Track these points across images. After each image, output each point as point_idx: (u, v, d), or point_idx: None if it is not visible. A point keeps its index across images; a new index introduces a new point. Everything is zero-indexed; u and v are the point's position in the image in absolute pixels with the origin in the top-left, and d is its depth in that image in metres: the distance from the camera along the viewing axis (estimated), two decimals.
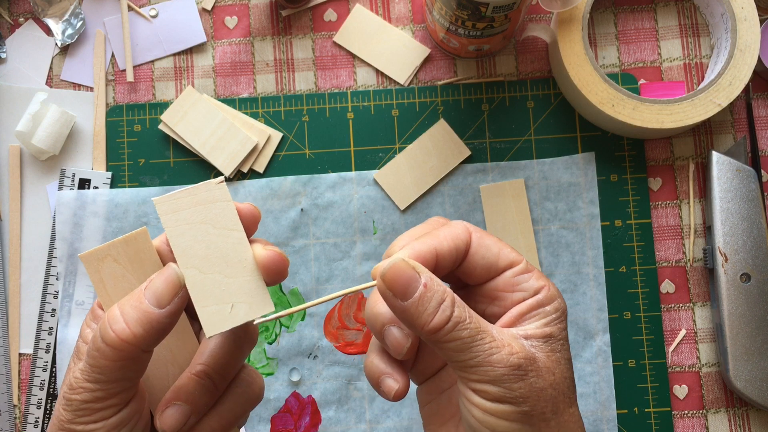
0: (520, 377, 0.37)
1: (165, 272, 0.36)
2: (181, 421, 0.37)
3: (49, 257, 0.60)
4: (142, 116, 0.63)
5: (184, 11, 0.64)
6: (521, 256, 0.41)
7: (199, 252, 0.35)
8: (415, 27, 0.63)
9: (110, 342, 0.34)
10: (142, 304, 0.35)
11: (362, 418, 0.59)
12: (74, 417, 0.36)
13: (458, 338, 0.36)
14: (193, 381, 0.38)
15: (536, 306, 0.39)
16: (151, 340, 0.35)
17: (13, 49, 0.64)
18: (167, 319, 0.35)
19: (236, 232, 0.36)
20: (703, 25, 0.63)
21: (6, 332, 0.61)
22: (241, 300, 0.35)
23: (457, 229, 0.40)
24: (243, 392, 0.39)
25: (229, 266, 0.35)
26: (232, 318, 0.35)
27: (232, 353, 0.38)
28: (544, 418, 0.37)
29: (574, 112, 0.62)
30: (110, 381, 0.35)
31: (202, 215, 0.36)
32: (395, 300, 0.37)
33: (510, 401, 0.37)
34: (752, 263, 0.58)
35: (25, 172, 0.63)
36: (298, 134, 0.62)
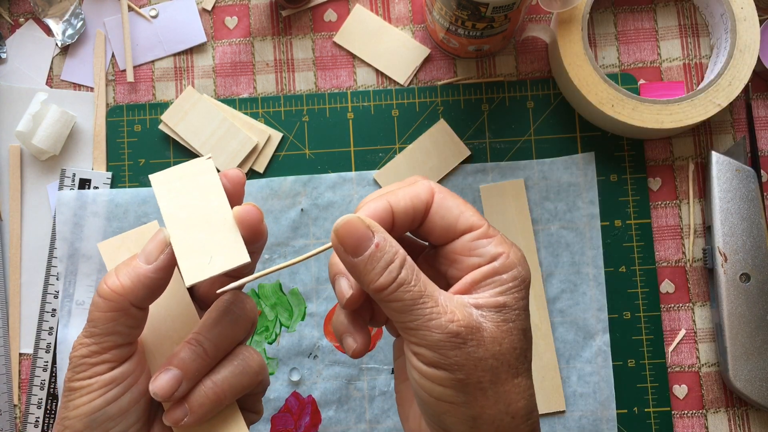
0: (457, 345, 0.37)
1: (155, 235, 0.39)
2: (173, 385, 0.38)
3: (50, 257, 0.61)
4: (142, 116, 0.63)
5: (184, 11, 0.64)
6: (483, 221, 0.40)
7: (184, 216, 0.39)
8: (415, 27, 0.64)
9: (102, 293, 0.38)
10: (134, 262, 0.38)
11: (362, 418, 0.59)
12: (73, 374, 0.38)
13: (400, 299, 0.37)
14: (185, 347, 0.39)
15: (491, 273, 0.39)
16: (138, 293, 0.37)
17: (14, 49, 0.64)
18: (154, 273, 0.38)
19: (219, 198, 0.39)
20: (703, 26, 0.63)
21: (6, 332, 0.61)
22: (219, 253, 0.38)
23: (418, 188, 0.40)
24: (239, 365, 0.40)
25: (210, 226, 0.39)
26: (210, 268, 0.38)
27: (227, 327, 0.40)
28: (480, 387, 0.38)
29: (573, 112, 0.62)
30: (103, 334, 0.38)
31: (190, 186, 0.39)
32: (346, 256, 0.38)
33: (444, 368, 0.37)
34: (752, 263, 0.58)
35: (26, 172, 0.63)
36: (298, 134, 0.62)
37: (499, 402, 0.38)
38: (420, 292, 0.37)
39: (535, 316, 0.60)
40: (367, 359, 0.60)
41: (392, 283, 0.37)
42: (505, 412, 0.38)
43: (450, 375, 0.37)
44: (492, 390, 0.38)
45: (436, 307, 0.37)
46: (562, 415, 0.59)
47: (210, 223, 0.39)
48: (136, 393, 0.39)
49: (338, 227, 0.38)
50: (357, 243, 0.37)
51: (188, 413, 0.39)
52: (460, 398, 0.38)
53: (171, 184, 0.39)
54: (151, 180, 0.40)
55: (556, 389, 0.59)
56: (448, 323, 0.37)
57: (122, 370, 0.39)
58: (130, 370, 0.39)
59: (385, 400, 0.59)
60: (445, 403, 0.38)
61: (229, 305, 0.41)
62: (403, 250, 0.38)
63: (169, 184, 0.39)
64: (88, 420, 0.38)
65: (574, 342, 0.60)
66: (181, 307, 0.41)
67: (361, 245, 0.37)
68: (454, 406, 0.38)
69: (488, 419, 0.38)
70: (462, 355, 0.37)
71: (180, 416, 0.39)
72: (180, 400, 0.39)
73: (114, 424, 0.38)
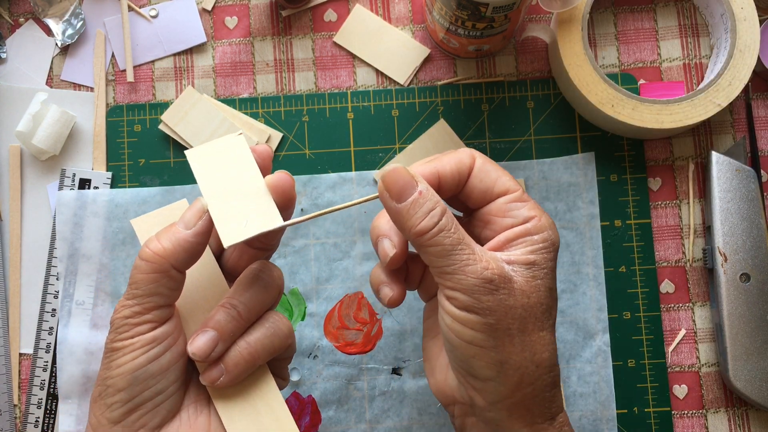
0: (490, 291, 0.40)
1: (193, 204, 0.42)
2: (210, 346, 0.41)
3: (50, 257, 0.61)
4: (142, 116, 0.63)
5: (184, 11, 0.64)
6: (518, 186, 0.44)
7: (219, 186, 0.41)
8: (415, 27, 0.64)
9: (145, 257, 0.40)
10: (173, 228, 0.41)
11: (362, 418, 0.59)
12: (115, 336, 0.40)
13: (440, 244, 0.40)
14: (219, 310, 0.42)
15: (524, 234, 0.42)
16: (178, 255, 0.40)
17: (14, 49, 0.64)
18: (193, 238, 0.40)
19: (251, 169, 0.42)
20: (703, 26, 0.63)
21: (6, 332, 0.61)
22: (254, 217, 0.41)
23: (461, 154, 0.44)
24: (270, 327, 0.43)
25: (244, 194, 0.41)
26: (246, 230, 0.40)
27: (258, 291, 0.42)
28: (508, 333, 0.40)
29: (573, 112, 0.62)
30: (146, 295, 0.40)
31: (223, 159, 0.42)
32: (390, 201, 0.41)
33: (477, 311, 0.40)
34: (752, 263, 0.58)
35: (26, 172, 0.63)
36: (298, 134, 0.62)
37: (525, 350, 0.41)
38: (459, 239, 0.40)
39: None
40: (367, 359, 0.60)
41: (433, 228, 0.40)
42: (530, 360, 0.41)
43: (481, 319, 0.40)
44: (519, 338, 0.40)
45: (473, 255, 0.40)
46: None
47: (244, 191, 0.41)
48: (175, 353, 0.41)
49: (385, 174, 0.41)
50: (402, 189, 0.40)
51: (224, 373, 0.41)
52: (489, 342, 0.40)
53: (205, 159, 0.42)
54: (187, 155, 0.42)
55: None
56: (483, 270, 0.40)
57: (163, 330, 0.41)
58: (169, 330, 0.41)
59: (385, 400, 0.59)
60: (475, 347, 0.40)
61: (259, 272, 0.43)
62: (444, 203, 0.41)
63: (203, 159, 0.42)
64: (131, 377, 0.40)
65: (574, 342, 0.60)
66: (212, 277, 0.44)
67: (405, 191, 0.40)
68: (483, 350, 0.40)
69: (514, 365, 0.41)
70: (494, 300, 0.40)
71: (216, 376, 0.41)
72: (216, 361, 0.41)
73: (155, 381, 0.40)
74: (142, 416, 0.40)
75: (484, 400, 0.42)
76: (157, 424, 0.41)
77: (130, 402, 0.40)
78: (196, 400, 0.43)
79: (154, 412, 0.41)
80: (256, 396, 0.43)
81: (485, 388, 0.41)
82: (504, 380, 0.41)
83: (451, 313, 0.41)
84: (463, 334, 0.41)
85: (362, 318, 0.60)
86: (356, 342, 0.60)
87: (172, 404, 0.42)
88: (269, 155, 0.44)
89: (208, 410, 0.43)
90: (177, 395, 0.42)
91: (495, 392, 0.41)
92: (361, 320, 0.60)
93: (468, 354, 0.41)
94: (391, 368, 0.60)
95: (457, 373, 0.43)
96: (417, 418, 0.59)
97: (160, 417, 0.41)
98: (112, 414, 0.40)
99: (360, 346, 0.60)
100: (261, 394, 0.43)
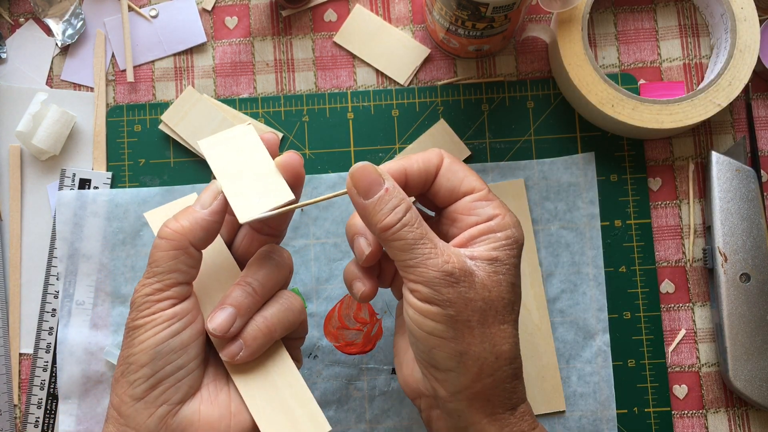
0: (451, 284, 0.41)
1: (208, 187, 0.44)
2: (229, 321, 0.42)
3: (50, 257, 0.61)
4: (142, 116, 0.63)
5: (185, 11, 0.64)
6: (484, 186, 0.46)
7: (232, 170, 0.44)
8: (415, 27, 0.64)
9: (164, 235, 0.42)
10: (190, 209, 0.43)
11: (362, 418, 0.59)
12: (137, 314, 0.42)
13: (403, 238, 0.42)
14: (236, 288, 0.43)
15: (487, 231, 0.44)
16: (196, 233, 0.42)
17: (14, 49, 0.64)
18: (209, 216, 0.42)
19: (261, 153, 0.44)
20: (703, 26, 0.63)
21: (6, 332, 0.61)
22: (266, 195, 0.43)
23: (430, 153, 0.46)
24: (284, 302, 0.45)
25: (256, 175, 0.44)
26: (259, 206, 0.42)
27: (271, 270, 0.44)
28: (468, 326, 0.42)
29: (574, 112, 0.62)
30: (165, 272, 0.42)
31: (234, 146, 0.45)
32: (358, 198, 0.43)
33: (438, 303, 0.41)
34: (752, 263, 0.58)
35: (26, 172, 0.63)
36: (298, 134, 0.62)
37: (485, 341, 0.42)
38: (421, 234, 0.42)
39: (535, 316, 0.60)
40: (367, 359, 0.60)
41: (397, 223, 0.42)
42: (490, 351, 0.42)
43: (442, 311, 0.41)
44: (479, 330, 0.42)
45: (434, 249, 0.42)
46: (562, 415, 0.59)
47: (255, 173, 0.44)
48: (195, 331, 0.43)
49: (353, 171, 0.42)
50: (368, 186, 0.42)
51: (243, 347, 0.43)
52: (449, 333, 0.42)
53: (217, 147, 0.45)
54: (200, 144, 0.45)
55: (556, 389, 0.59)
56: (444, 263, 0.41)
57: (183, 307, 0.42)
58: (189, 307, 0.43)
59: (385, 400, 0.59)
60: (436, 338, 0.42)
61: (269, 253, 0.45)
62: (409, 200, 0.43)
63: (215, 147, 0.45)
64: (153, 352, 0.41)
65: (574, 342, 0.60)
66: (224, 263, 0.46)
67: (372, 188, 0.42)
68: (443, 341, 0.42)
69: (473, 356, 0.42)
70: (454, 293, 0.41)
71: (236, 351, 0.43)
72: (234, 336, 0.43)
73: (176, 356, 0.42)
74: (164, 392, 0.41)
75: (445, 391, 0.43)
76: (179, 399, 0.42)
77: (153, 377, 0.41)
78: (215, 378, 0.44)
79: (176, 387, 0.42)
80: (274, 373, 0.44)
81: (446, 378, 0.43)
82: (464, 371, 0.42)
83: (414, 305, 0.42)
84: (424, 325, 0.42)
85: (362, 318, 0.60)
86: (356, 342, 0.60)
87: (193, 380, 0.43)
88: (276, 142, 0.46)
89: (227, 388, 0.44)
90: (197, 372, 0.43)
91: (456, 383, 0.43)
92: (361, 320, 0.60)
93: (429, 345, 0.42)
94: (391, 368, 0.60)
95: (421, 366, 0.44)
96: (417, 418, 0.59)
97: (181, 393, 0.42)
98: (134, 390, 0.41)
99: (360, 346, 0.60)
100: (279, 371, 0.44)
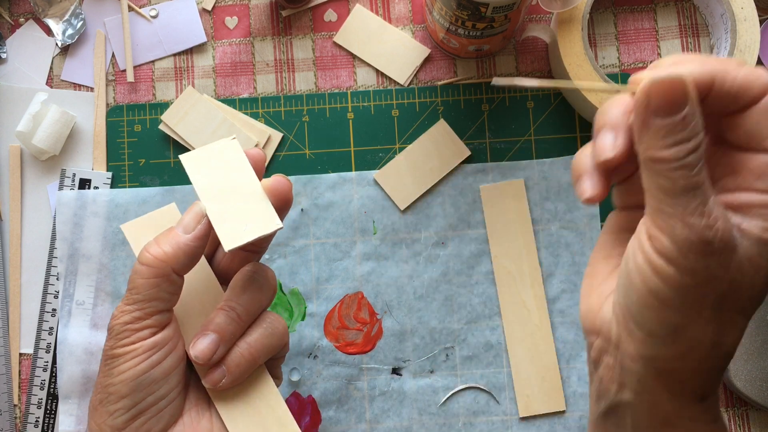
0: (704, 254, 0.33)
1: (191, 208, 0.42)
2: (212, 348, 0.41)
3: (50, 257, 0.60)
4: (142, 116, 0.63)
5: (185, 11, 0.64)
6: None
7: (216, 189, 0.42)
8: (415, 27, 0.64)
9: (146, 261, 0.40)
10: (173, 232, 0.41)
11: (362, 418, 0.59)
12: (115, 342, 0.40)
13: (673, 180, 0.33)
14: (219, 313, 0.42)
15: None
16: (179, 260, 0.40)
17: (14, 49, 0.64)
18: (193, 242, 0.41)
19: (246, 172, 0.42)
20: (703, 26, 0.63)
21: (6, 332, 0.61)
22: (253, 220, 0.41)
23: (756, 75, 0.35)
24: (268, 326, 0.43)
25: (242, 197, 0.42)
26: (246, 234, 0.41)
27: (254, 293, 0.43)
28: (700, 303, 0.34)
29: (574, 112, 0.62)
30: (146, 300, 0.40)
31: (219, 163, 0.43)
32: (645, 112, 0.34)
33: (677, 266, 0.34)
34: None
35: (26, 172, 0.63)
36: (298, 134, 0.62)
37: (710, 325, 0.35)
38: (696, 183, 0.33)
39: (535, 316, 0.60)
40: (367, 359, 0.60)
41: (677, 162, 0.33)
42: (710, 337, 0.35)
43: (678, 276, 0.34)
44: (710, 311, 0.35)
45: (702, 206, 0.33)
46: (562, 415, 0.59)
47: (241, 194, 0.42)
48: (176, 358, 0.41)
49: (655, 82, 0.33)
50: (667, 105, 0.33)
51: (226, 374, 0.42)
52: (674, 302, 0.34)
53: (200, 163, 0.43)
54: (182, 159, 0.43)
55: (556, 389, 0.59)
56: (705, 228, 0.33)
57: (163, 335, 0.41)
58: (170, 335, 0.41)
59: (385, 400, 0.59)
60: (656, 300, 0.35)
61: (253, 274, 0.43)
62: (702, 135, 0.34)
63: (198, 163, 0.43)
64: (134, 384, 0.40)
65: (574, 342, 0.60)
66: (205, 281, 0.45)
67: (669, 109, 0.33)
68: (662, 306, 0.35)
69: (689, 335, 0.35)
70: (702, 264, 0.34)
71: (219, 377, 0.42)
72: (217, 363, 0.42)
73: (158, 386, 0.40)
74: (145, 422, 0.41)
75: (635, 351, 0.36)
76: (161, 429, 0.41)
77: (134, 408, 0.40)
78: (197, 403, 0.43)
79: (157, 417, 0.41)
80: (256, 396, 0.43)
81: (645, 340, 0.36)
82: (670, 344, 0.35)
83: (647, 254, 0.34)
84: (649, 281, 0.35)
85: (362, 318, 0.60)
86: (356, 342, 0.60)
87: (175, 408, 0.42)
88: (262, 159, 0.44)
89: (209, 413, 0.43)
90: (179, 399, 0.42)
91: (653, 350, 0.36)
92: (361, 320, 0.60)
93: (644, 302, 0.35)
94: (391, 368, 0.60)
95: (620, 311, 0.37)
96: (417, 418, 0.59)
97: (163, 422, 0.41)
98: (115, 421, 0.40)
99: (360, 346, 0.60)
100: (260, 394, 0.43)
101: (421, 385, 0.59)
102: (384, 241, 0.60)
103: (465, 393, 0.59)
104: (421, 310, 0.60)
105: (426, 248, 0.60)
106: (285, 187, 0.42)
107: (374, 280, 0.60)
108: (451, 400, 0.59)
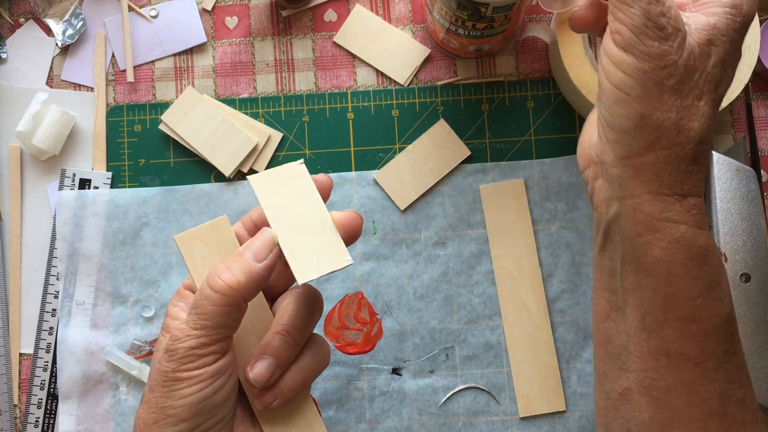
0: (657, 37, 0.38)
1: (261, 234, 0.41)
2: (270, 372, 0.42)
3: (50, 257, 0.61)
4: (142, 116, 0.63)
5: (185, 11, 0.64)
6: None
7: (287, 217, 0.42)
8: (415, 27, 0.64)
9: (218, 288, 0.39)
10: (244, 259, 0.40)
11: (362, 418, 0.59)
12: (178, 366, 0.40)
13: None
14: (277, 338, 0.42)
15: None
16: (251, 289, 0.40)
17: (14, 49, 0.64)
18: (264, 271, 0.40)
19: (316, 201, 0.43)
20: None
21: (6, 332, 0.61)
22: (324, 254, 0.41)
23: None
24: (317, 351, 0.44)
25: (312, 228, 0.42)
26: (318, 269, 0.40)
27: (305, 317, 0.43)
28: (659, 88, 0.39)
29: (574, 112, 0.62)
30: (214, 327, 0.40)
31: (288, 188, 0.43)
32: None
33: (635, 54, 0.38)
34: (752, 263, 0.58)
35: (26, 172, 0.63)
36: (298, 134, 0.62)
37: (671, 111, 0.39)
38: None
39: (535, 316, 0.60)
40: (367, 359, 0.60)
41: None
42: (673, 122, 0.39)
43: (636, 63, 0.38)
44: (669, 96, 0.39)
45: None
46: (562, 415, 0.59)
47: (311, 224, 0.42)
48: (234, 382, 0.42)
49: None
50: None
51: (278, 397, 0.42)
52: (636, 90, 0.39)
53: (268, 186, 0.42)
54: (251, 181, 0.43)
55: (556, 389, 0.59)
56: (659, 14, 0.38)
57: (226, 361, 0.41)
58: (231, 360, 0.41)
59: (385, 400, 0.59)
60: (621, 93, 0.39)
61: (305, 297, 0.44)
62: None
63: (267, 187, 0.42)
64: (196, 409, 0.40)
65: (574, 342, 0.60)
66: (257, 304, 0.45)
67: None
68: (627, 98, 0.39)
69: (654, 122, 0.39)
70: (657, 48, 0.38)
71: (270, 400, 0.42)
72: (271, 386, 0.42)
73: (217, 411, 0.41)
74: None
75: (613, 155, 0.40)
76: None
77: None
78: (243, 422, 0.44)
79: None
80: (299, 416, 0.44)
81: (618, 140, 0.40)
82: (638, 135, 0.39)
83: (609, 53, 0.39)
84: (613, 77, 0.39)
85: (362, 318, 0.60)
86: (356, 342, 0.60)
87: (228, 430, 0.42)
88: (330, 185, 0.44)
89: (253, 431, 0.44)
90: (231, 421, 0.42)
91: (626, 146, 0.40)
92: (361, 320, 0.60)
93: (612, 98, 0.40)
94: (391, 368, 0.60)
95: (599, 125, 0.42)
96: (417, 418, 0.59)
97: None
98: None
99: (360, 346, 0.60)
100: (302, 413, 0.45)
101: (421, 385, 0.59)
102: (384, 241, 0.60)
103: (465, 393, 0.59)
104: (421, 310, 0.60)
105: (426, 248, 0.60)
106: (357, 223, 0.43)
107: (374, 280, 0.60)
108: (451, 400, 0.59)
